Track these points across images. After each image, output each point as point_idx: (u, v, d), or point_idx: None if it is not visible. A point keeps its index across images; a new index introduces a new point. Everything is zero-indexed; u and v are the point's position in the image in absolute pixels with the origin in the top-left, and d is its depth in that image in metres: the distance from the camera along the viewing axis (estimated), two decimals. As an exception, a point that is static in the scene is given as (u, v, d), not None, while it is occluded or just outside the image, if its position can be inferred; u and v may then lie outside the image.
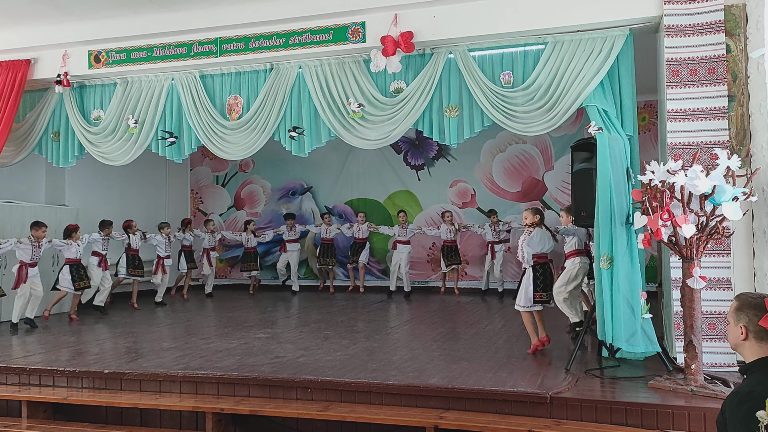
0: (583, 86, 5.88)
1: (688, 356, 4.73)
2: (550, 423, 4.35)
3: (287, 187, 12.71)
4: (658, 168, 4.63)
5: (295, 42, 6.88)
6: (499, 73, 6.34)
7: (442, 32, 6.38)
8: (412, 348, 6.31)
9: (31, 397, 5.33)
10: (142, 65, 7.46)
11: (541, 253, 5.90)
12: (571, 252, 6.37)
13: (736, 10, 5.44)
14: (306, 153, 7.06)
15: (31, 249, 8.02)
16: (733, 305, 2.39)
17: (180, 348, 6.45)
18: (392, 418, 4.51)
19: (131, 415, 5.24)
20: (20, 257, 7.99)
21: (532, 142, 11.17)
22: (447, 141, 6.56)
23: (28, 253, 7.99)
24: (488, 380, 4.88)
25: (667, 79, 5.53)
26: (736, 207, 4.49)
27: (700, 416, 4.21)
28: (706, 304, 5.07)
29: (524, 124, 6.23)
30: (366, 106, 6.68)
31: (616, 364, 5.45)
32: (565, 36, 6.08)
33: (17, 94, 7.80)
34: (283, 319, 8.51)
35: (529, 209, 6.09)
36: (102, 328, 8.11)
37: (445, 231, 10.66)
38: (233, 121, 7.22)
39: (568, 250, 6.42)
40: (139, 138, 7.54)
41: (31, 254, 8.02)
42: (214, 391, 5.19)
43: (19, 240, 7.95)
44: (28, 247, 7.99)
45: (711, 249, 5.19)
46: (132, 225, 9.82)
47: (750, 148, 5.35)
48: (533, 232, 5.86)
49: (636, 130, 5.91)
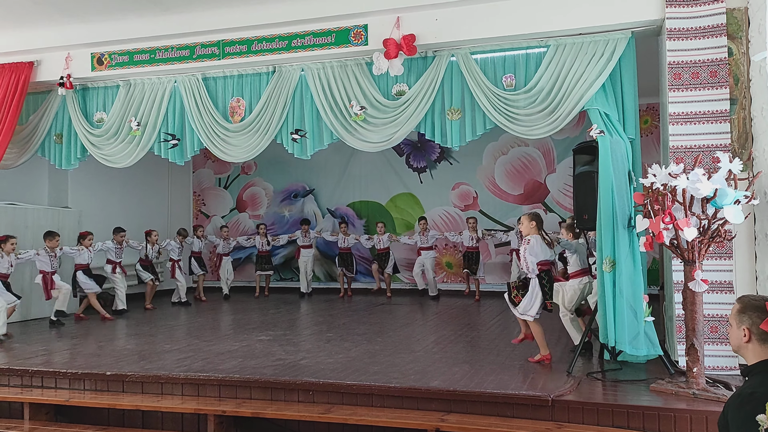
0: (585, 89, 5.88)
1: (690, 359, 4.73)
2: (552, 426, 4.35)
3: (289, 189, 12.73)
4: (660, 171, 4.64)
5: (298, 45, 6.90)
6: (502, 75, 6.35)
7: (444, 35, 6.39)
8: (414, 351, 6.30)
9: (34, 398, 5.35)
10: (144, 68, 7.48)
11: (545, 261, 5.70)
12: (576, 272, 6.09)
13: (738, 13, 5.45)
14: (308, 155, 7.07)
15: (50, 259, 8.30)
16: (735, 308, 2.39)
17: (182, 350, 6.46)
18: (394, 420, 4.51)
19: (133, 417, 5.25)
20: (41, 267, 8.25)
21: (534, 145, 11.17)
22: (449, 143, 6.56)
23: (47, 263, 8.28)
24: (490, 383, 4.88)
25: (669, 82, 5.53)
26: (737, 210, 4.48)
27: (702, 419, 4.21)
28: (707, 307, 5.06)
29: (526, 127, 6.23)
30: (368, 109, 6.69)
31: (617, 367, 5.45)
32: (568, 39, 6.09)
33: (20, 97, 7.82)
34: (285, 322, 8.51)
35: (525, 216, 5.88)
36: (107, 330, 8.13)
37: (467, 237, 10.60)
38: (236, 124, 7.23)
39: (571, 270, 6.16)
40: (141, 140, 7.56)
41: (50, 264, 8.31)
42: (215, 393, 5.19)
43: (37, 252, 8.23)
44: (46, 258, 8.27)
45: (713, 252, 5.19)
46: (152, 234, 9.93)
47: (752, 151, 5.35)
48: (531, 240, 5.66)
49: (638, 133, 5.91)
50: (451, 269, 11.58)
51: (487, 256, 11.25)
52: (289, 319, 8.79)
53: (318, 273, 12.29)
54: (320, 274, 12.37)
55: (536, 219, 5.80)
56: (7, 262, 7.75)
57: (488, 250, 11.27)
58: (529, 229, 5.75)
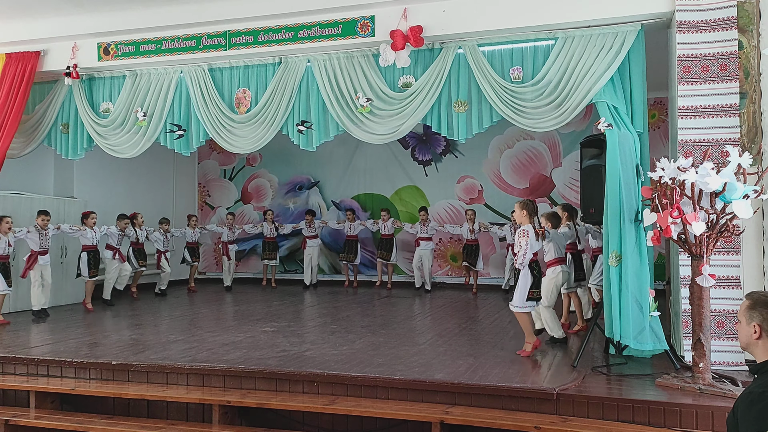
0: (594, 82, 5.84)
1: (696, 354, 4.71)
2: (556, 419, 4.34)
3: (294, 181, 12.72)
4: (668, 165, 4.60)
5: (304, 36, 6.87)
6: (509, 68, 6.31)
7: (451, 27, 6.35)
8: (418, 343, 6.30)
9: (39, 387, 5.37)
10: (151, 58, 7.47)
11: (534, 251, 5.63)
12: (552, 261, 6.17)
13: (749, 6, 5.39)
14: (314, 147, 7.06)
15: (39, 237, 8.23)
16: (744, 304, 2.36)
17: (187, 341, 6.47)
18: (398, 412, 4.51)
19: (138, 407, 5.26)
20: (31, 246, 8.22)
21: (541, 139, 11.12)
22: (455, 136, 6.54)
23: (36, 241, 8.21)
24: (494, 376, 4.87)
25: (679, 76, 5.49)
26: (746, 205, 4.45)
27: (708, 414, 4.20)
28: (714, 302, 5.04)
29: (533, 119, 6.20)
30: (374, 101, 6.67)
31: (623, 361, 5.43)
32: (576, 31, 6.04)
33: (27, 86, 7.83)
34: (289, 313, 8.53)
35: (518, 204, 5.77)
36: (111, 319, 8.16)
37: (466, 230, 10.65)
38: (241, 115, 7.22)
39: (547, 258, 6.19)
40: (147, 131, 7.56)
41: (39, 242, 8.24)
42: (220, 383, 5.21)
43: (28, 230, 8.19)
44: (35, 236, 8.21)
45: (720, 247, 5.15)
46: (138, 217, 9.90)
47: (761, 145, 5.30)
48: (530, 232, 5.57)
49: (646, 127, 5.87)
50: (455, 262, 11.56)
51: (492, 250, 11.23)
52: (293, 311, 8.80)
53: (322, 265, 12.29)
54: (325, 266, 12.38)
55: (527, 207, 5.70)
56: (5, 242, 7.81)
57: (492, 244, 11.25)
58: (521, 218, 5.69)
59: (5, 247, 7.84)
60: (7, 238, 7.85)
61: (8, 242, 7.87)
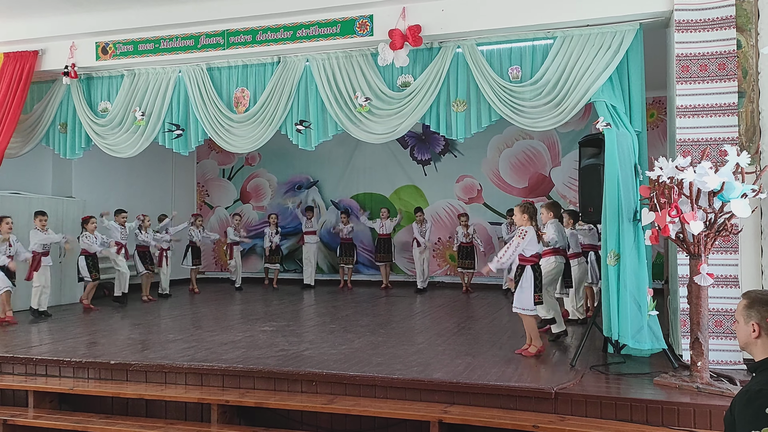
0: (592, 81, 5.84)
1: (694, 353, 4.72)
2: (554, 419, 4.34)
3: (293, 180, 12.71)
4: (666, 164, 4.61)
5: (303, 35, 6.86)
6: (508, 67, 6.30)
7: (450, 26, 6.34)
8: (417, 342, 6.31)
9: (38, 387, 5.37)
10: (149, 57, 7.45)
11: (535, 253, 5.64)
12: (547, 251, 6.18)
13: (748, 5, 5.39)
14: (312, 147, 7.05)
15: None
16: (742, 303, 2.36)
17: (185, 340, 6.47)
18: (397, 411, 4.51)
19: (137, 406, 5.26)
20: (32, 247, 8.17)
21: (540, 138, 11.13)
22: (454, 136, 6.53)
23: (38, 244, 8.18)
24: (493, 375, 4.88)
25: (677, 75, 5.49)
26: (744, 204, 4.45)
27: (706, 413, 4.20)
28: (712, 301, 5.05)
29: (532, 119, 6.20)
30: (373, 100, 6.66)
31: (621, 360, 5.44)
32: (575, 30, 6.04)
33: (25, 86, 7.81)
34: (288, 313, 8.53)
35: (517, 207, 5.77)
36: (110, 319, 8.15)
37: (461, 233, 10.72)
38: (240, 114, 7.21)
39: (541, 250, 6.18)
40: (146, 130, 7.55)
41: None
42: (219, 383, 5.21)
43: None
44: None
45: (718, 246, 5.16)
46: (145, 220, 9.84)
47: (760, 144, 5.31)
48: (529, 233, 5.56)
49: (644, 126, 5.87)
50: (454, 262, 11.56)
51: (490, 249, 11.21)
52: (292, 310, 8.80)
53: (321, 265, 12.29)
54: (323, 265, 12.37)
55: (527, 211, 5.68)
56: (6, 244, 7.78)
57: (492, 243, 11.25)
58: (521, 221, 5.67)
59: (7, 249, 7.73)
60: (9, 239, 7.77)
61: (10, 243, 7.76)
